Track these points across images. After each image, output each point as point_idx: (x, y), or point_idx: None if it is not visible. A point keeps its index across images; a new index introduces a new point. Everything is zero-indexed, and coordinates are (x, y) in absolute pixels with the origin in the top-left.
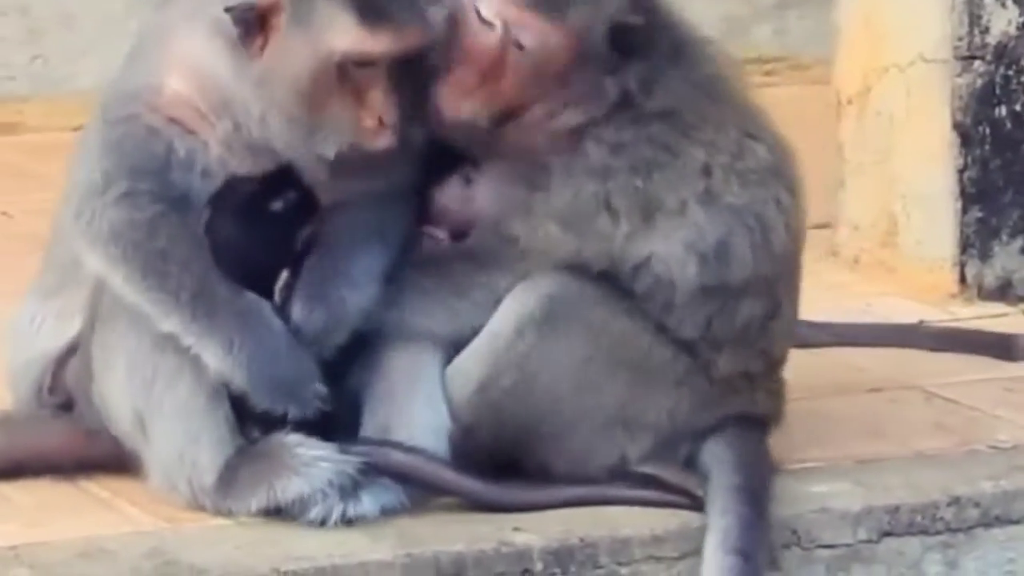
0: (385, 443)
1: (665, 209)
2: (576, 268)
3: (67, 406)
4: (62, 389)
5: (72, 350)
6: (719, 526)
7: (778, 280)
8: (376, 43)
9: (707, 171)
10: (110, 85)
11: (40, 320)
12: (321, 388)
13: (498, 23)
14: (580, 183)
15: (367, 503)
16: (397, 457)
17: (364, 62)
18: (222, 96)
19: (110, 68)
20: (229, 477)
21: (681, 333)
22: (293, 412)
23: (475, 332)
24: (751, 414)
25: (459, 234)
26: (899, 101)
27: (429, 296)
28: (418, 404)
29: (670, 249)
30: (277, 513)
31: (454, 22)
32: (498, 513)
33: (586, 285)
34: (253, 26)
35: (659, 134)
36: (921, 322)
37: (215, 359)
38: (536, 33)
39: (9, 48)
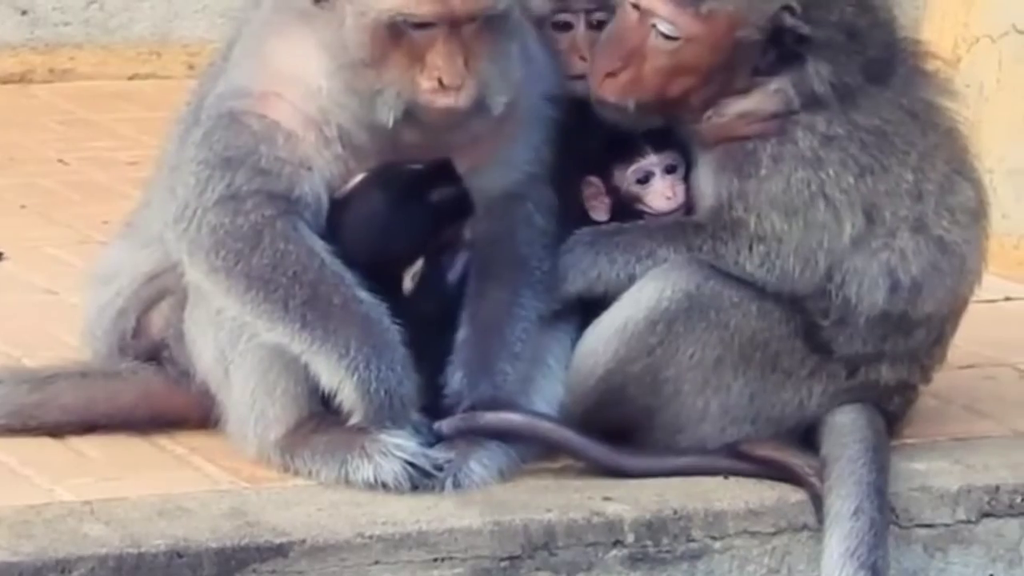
0: (507, 405)
1: (882, 223)
2: (716, 268)
3: (149, 355)
4: (147, 334)
5: (160, 295)
6: (849, 528)
7: (952, 317)
8: (421, 4)
9: (919, 196)
10: (201, 85)
11: (126, 267)
12: (417, 416)
13: (641, 7)
14: (790, 169)
15: (478, 470)
16: (518, 419)
17: (415, 23)
18: (313, 90)
19: (165, 17)
20: (300, 439)
21: (841, 348)
22: (387, 427)
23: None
24: (879, 405)
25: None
26: (989, 73)
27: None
28: (542, 371)
29: (868, 268)
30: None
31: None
32: (619, 478)
33: (724, 286)
34: None
35: (871, 143)
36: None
37: (327, 364)
38: (673, 21)
39: None
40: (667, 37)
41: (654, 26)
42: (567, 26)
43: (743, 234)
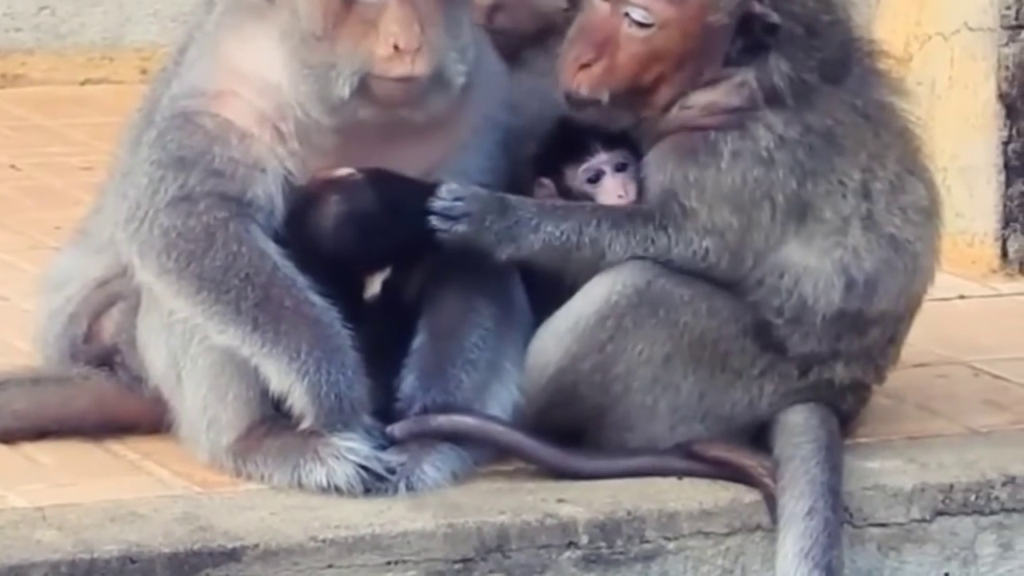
0: (460, 409)
1: (823, 221)
2: (668, 266)
3: (101, 361)
4: (98, 340)
5: (111, 301)
6: (804, 528)
7: (906, 315)
8: None
9: (867, 194)
10: (153, 90)
11: (77, 272)
12: (369, 419)
13: None
14: (748, 166)
15: (431, 473)
16: (470, 422)
17: None
18: (272, 85)
19: (117, 22)
20: (253, 443)
21: (795, 347)
22: (339, 431)
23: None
24: (832, 405)
25: None
26: (942, 70)
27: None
28: (498, 375)
29: (823, 266)
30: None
31: None
32: (573, 480)
33: (675, 284)
34: None
35: (819, 147)
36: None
37: (277, 367)
38: (647, 7)
39: None
40: (641, 24)
41: (627, 14)
42: None
43: (688, 226)
